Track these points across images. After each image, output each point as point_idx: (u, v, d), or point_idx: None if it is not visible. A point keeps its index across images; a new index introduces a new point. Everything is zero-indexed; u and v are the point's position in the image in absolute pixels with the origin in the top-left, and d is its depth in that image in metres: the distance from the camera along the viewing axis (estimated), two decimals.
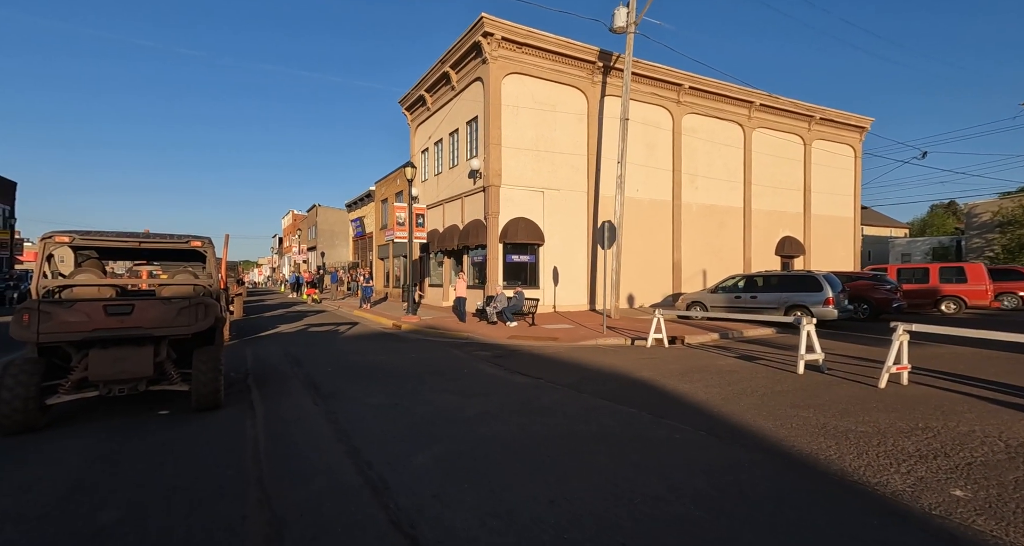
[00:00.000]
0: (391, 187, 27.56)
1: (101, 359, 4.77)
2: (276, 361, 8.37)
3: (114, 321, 4.77)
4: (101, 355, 4.79)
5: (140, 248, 5.73)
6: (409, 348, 10.02)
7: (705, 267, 21.06)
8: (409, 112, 23.91)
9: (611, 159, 18.73)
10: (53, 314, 4.56)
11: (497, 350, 9.80)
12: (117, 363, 4.81)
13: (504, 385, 6.43)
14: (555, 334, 12.17)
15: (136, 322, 4.86)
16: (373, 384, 6.51)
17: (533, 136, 17.50)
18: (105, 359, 4.78)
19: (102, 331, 4.72)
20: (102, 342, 4.86)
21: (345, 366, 7.84)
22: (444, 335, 12.37)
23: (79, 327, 4.64)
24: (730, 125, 21.55)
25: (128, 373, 4.85)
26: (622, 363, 8.08)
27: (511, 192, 17.16)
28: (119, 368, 4.81)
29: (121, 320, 4.80)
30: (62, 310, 4.61)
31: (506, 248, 17.28)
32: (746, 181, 21.96)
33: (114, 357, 4.82)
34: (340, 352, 9.41)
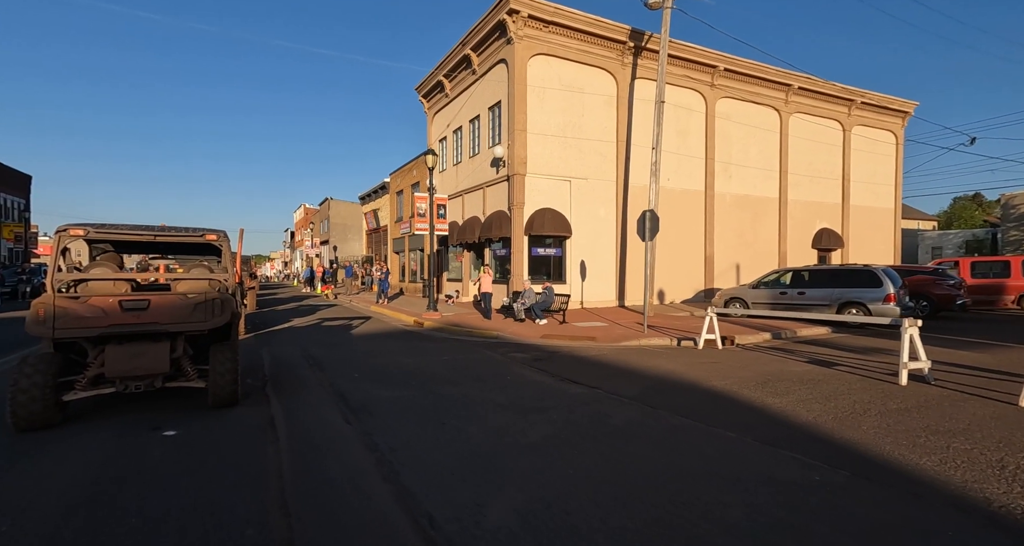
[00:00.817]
0: (407, 178, 26.71)
1: (117, 355, 4.71)
2: (295, 364, 7.57)
3: (130, 316, 4.69)
4: (117, 351, 4.72)
5: (155, 242, 5.64)
6: (438, 349, 9.18)
7: (738, 261, 19.97)
8: (426, 99, 22.97)
9: (641, 146, 17.68)
10: (68, 309, 4.48)
11: (534, 352, 8.92)
12: (133, 359, 4.75)
13: (559, 396, 5.54)
14: (591, 333, 11.26)
15: (152, 318, 4.77)
16: (408, 394, 5.67)
17: (560, 122, 16.50)
18: (121, 355, 4.72)
19: (118, 327, 4.64)
20: (118, 338, 4.81)
21: (372, 370, 7.01)
22: (472, 334, 11.53)
23: (94, 323, 4.56)
24: (766, 110, 20.32)
25: (144, 369, 4.78)
26: (682, 369, 7.15)
27: (537, 181, 16.20)
28: (135, 364, 4.75)
29: (137, 315, 4.72)
30: (77, 305, 4.53)
31: (531, 241, 16.36)
32: (782, 170, 20.76)
33: (130, 353, 4.75)
34: (363, 353, 8.60)
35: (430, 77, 21.50)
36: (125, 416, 4.99)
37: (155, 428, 4.54)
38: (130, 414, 5.07)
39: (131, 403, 5.46)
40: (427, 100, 22.94)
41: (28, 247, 30.07)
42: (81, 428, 4.60)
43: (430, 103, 22.80)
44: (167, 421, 4.77)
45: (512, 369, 7.19)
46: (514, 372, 6.95)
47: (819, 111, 21.36)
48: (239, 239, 9.21)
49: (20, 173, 36.55)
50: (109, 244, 6.51)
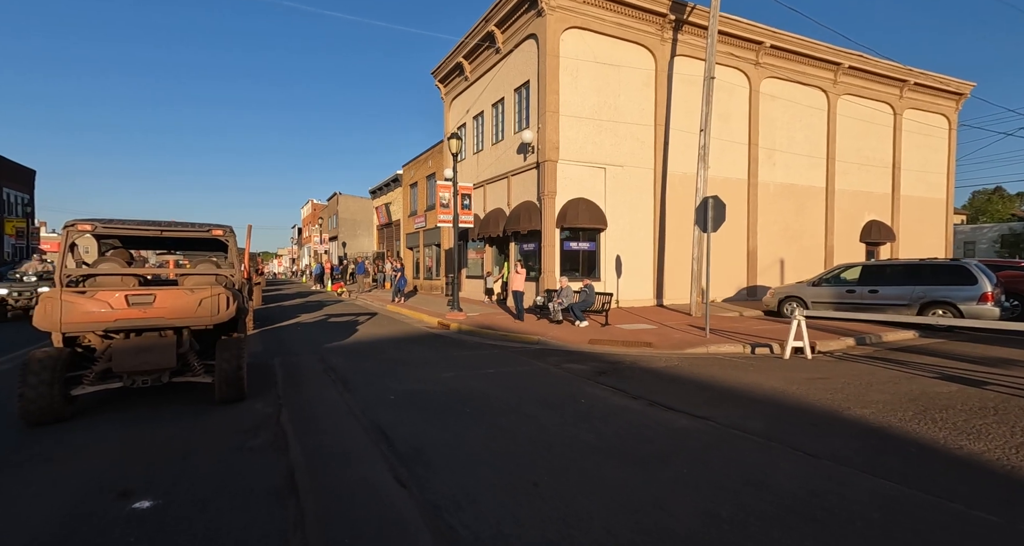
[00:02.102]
0: (422, 169, 25.35)
1: (124, 350, 4.74)
2: (315, 381, 6.25)
3: (136, 311, 4.70)
4: (124, 346, 4.75)
5: (162, 237, 5.61)
6: (477, 358, 7.83)
7: (782, 256, 18.45)
8: (443, 84, 21.55)
9: (681, 130, 16.20)
10: (76, 304, 4.52)
11: (591, 361, 7.55)
12: (140, 354, 4.77)
13: (665, 433, 4.17)
14: (643, 337, 9.88)
15: (158, 312, 4.79)
16: (467, 429, 4.33)
17: (594, 103, 15.04)
18: (128, 350, 4.75)
19: (124, 321, 4.67)
20: (125, 332, 4.86)
21: (410, 391, 5.67)
22: (508, 338, 10.18)
23: (101, 317, 4.59)
24: (813, 91, 18.71)
25: (151, 364, 4.81)
26: (791, 388, 5.75)
27: (569, 168, 14.77)
28: (142, 359, 4.77)
29: (143, 310, 4.73)
30: (85, 300, 4.57)
31: (563, 234, 14.95)
32: (829, 157, 19.16)
33: (137, 348, 4.78)
34: (393, 365, 7.27)
35: (448, 59, 20.07)
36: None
37: (123, 495, 3.21)
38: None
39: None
40: (444, 85, 21.52)
41: (30, 242, 29.05)
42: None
43: (447, 88, 21.38)
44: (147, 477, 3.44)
45: (580, 388, 5.82)
46: (586, 393, 5.58)
47: (869, 93, 19.70)
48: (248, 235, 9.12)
49: (24, 167, 35.57)
50: (117, 239, 6.47)
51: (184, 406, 5.15)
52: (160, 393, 5.72)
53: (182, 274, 5.79)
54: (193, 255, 9.66)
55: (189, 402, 5.32)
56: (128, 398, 5.48)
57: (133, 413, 4.92)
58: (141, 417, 4.78)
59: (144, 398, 5.45)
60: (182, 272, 5.87)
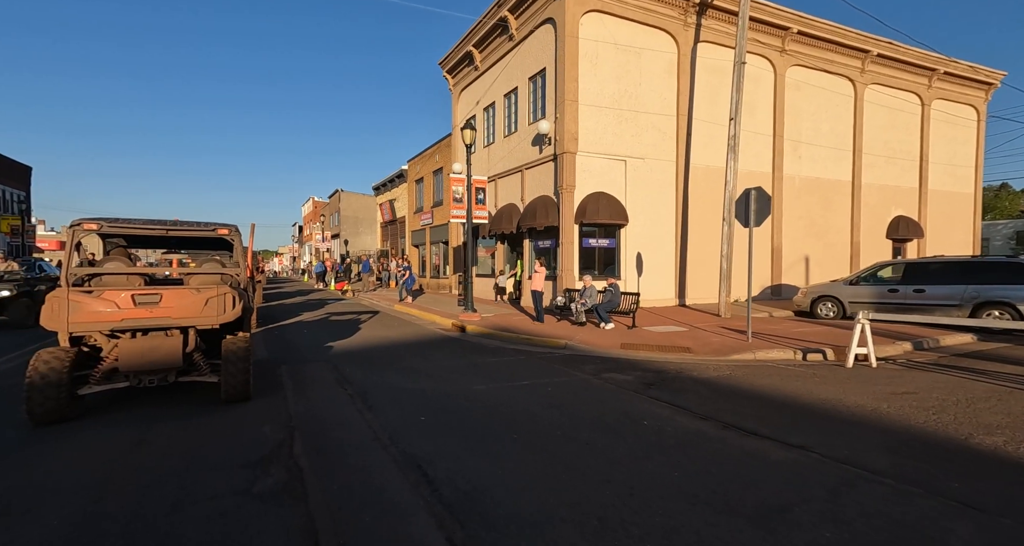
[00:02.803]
0: (428, 164, 24.54)
1: (131, 349, 4.71)
2: (331, 398, 5.48)
3: (142, 311, 4.71)
4: (130, 345, 4.72)
5: (167, 236, 5.59)
6: (505, 367, 7.05)
7: (807, 253, 17.65)
8: (451, 75, 20.73)
9: (704, 121, 15.39)
10: (82, 303, 4.53)
11: (632, 370, 6.77)
12: (146, 353, 4.75)
13: (769, 472, 3.38)
14: (678, 341, 9.10)
15: (165, 312, 4.80)
16: (523, 464, 3.55)
17: (614, 91, 14.23)
18: (135, 349, 4.72)
19: (130, 321, 4.67)
20: (131, 332, 4.82)
21: (443, 410, 4.89)
22: (531, 342, 9.40)
23: (108, 317, 4.60)
24: (839, 80, 17.87)
25: (157, 364, 4.80)
26: (884, 406, 4.96)
27: (589, 161, 13.97)
28: (148, 359, 4.75)
29: (150, 310, 4.74)
30: (91, 299, 4.57)
31: (582, 230, 14.16)
32: (856, 149, 18.33)
33: (143, 347, 4.75)
34: (416, 376, 6.50)
35: (457, 49, 19.24)
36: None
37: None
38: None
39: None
40: (452, 76, 20.69)
41: (25, 240, 28.27)
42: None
43: (456, 79, 20.56)
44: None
45: (634, 405, 5.04)
46: (644, 412, 4.80)
47: (897, 82, 18.86)
48: (251, 234, 8.92)
49: (19, 164, 34.79)
50: (122, 239, 6.44)
51: (181, 425, 4.39)
52: (159, 400, 4.97)
53: (187, 273, 5.70)
54: (197, 254, 9.56)
55: (189, 415, 4.56)
56: (121, 411, 4.72)
57: (121, 435, 4.16)
58: (129, 441, 4.02)
59: (139, 409, 4.70)
60: (187, 271, 5.80)
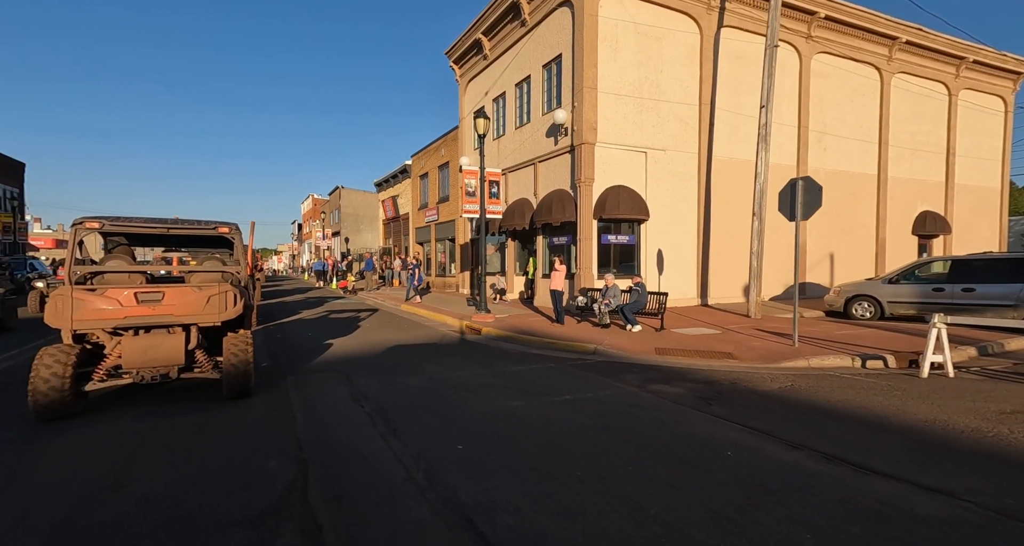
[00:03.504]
0: (433, 159, 23.73)
1: (133, 346, 4.74)
2: (346, 417, 4.72)
3: (145, 308, 4.76)
4: (133, 342, 4.75)
5: (168, 234, 5.65)
6: (538, 376, 6.30)
7: (832, 250, 16.89)
8: (458, 65, 19.90)
9: (727, 111, 14.62)
10: (86, 301, 4.58)
11: (679, 381, 6.02)
12: (149, 351, 4.78)
13: (932, 537, 2.62)
14: (715, 345, 8.36)
15: (167, 310, 4.84)
16: (604, 518, 2.78)
17: (635, 79, 13.43)
18: (137, 346, 4.75)
19: (133, 318, 4.72)
20: (134, 329, 4.85)
21: (484, 437, 4.14)
22: (555, 346, 8.65)
23: (112, 314, 4.65)
24: (866, 68, 17.08)
25: (160, 361, 4.82)
26: (1004, 431, 4.21)
27: (608, 152, 13.19)
28: (151, 356, 4.78)
29: (152, 307, 4.78)
30: (94, 297, 4.62)
31: (600, 226, 13.39)
32: (882, 141, 17.56)
33: (146, 345, 4.78)
34: (439, 387, 5.75)
35: (464, 37, 18.42)
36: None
37: None
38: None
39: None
40: (459, 66, 19.87)
41: (17, 237, 27.43)
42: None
43: (463, 69, 19.73)
44: None
45: (706, 429, 4.28)
46: (722, 440, 4.03)
47: (924, 71, 18.06)
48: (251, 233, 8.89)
49: (12, 160, 33.88)
50: (123, 237, 6.40)
51: (168, 458, 3.63)
52: (149, 414, 4.22)
53: (189, 271, 5.69)
54: (198, 252, 9.73)
55: (180, 440, 3.81)
56: (104, 425, 3.98)
57: (98, 466, 3.40)
58: (101, 479, 3.26)
59: (126, 427, 3.95)
60: (189, 269, 5.81)
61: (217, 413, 4.76)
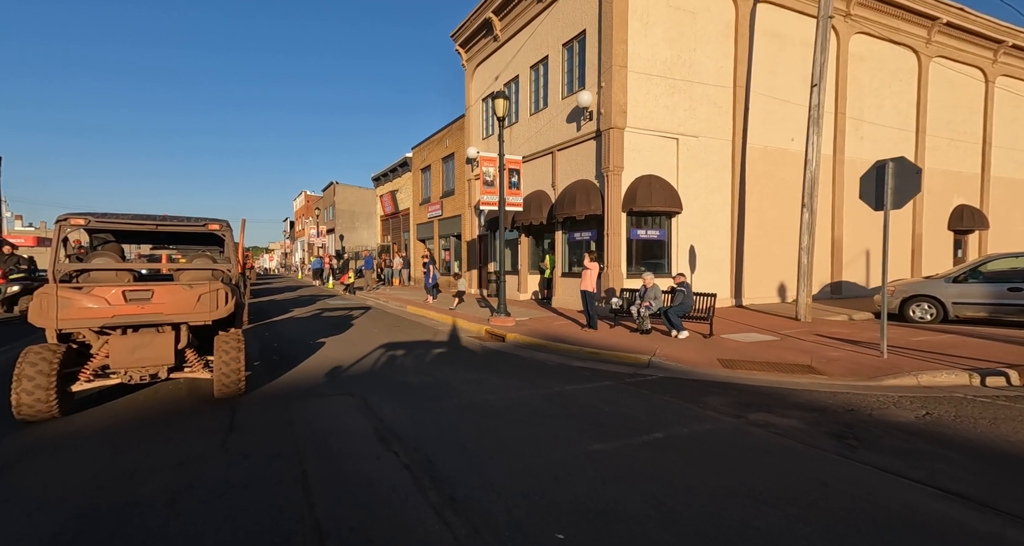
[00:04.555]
0: (436, 150, 22.39)
1: (122, 346, 4.64)
2: (379, 472, 3.45)
3: (134, 307, 4.63)
4: (121, 342, 4.65)
5: (157, 231, 5.39)
6: (602, 402, 5.06)
7: (869, 246, 15.81)
8: (464, 49, 18.58)
9: (763, 95, 13.48)
10: (72, 300, 4.44)
11: (782, 408, 4.82)
12: (138, 350, 4.67)
13: None
14: (785, 356, 7.18)
15: (156, 308, 4.71)
16: None
17: (667, 58, 12.22)
18: (126, 346, 4.65)
19: (122, 317, 4.59)
20: (122, 328, 4.73)
21: (580, 512, 2.90)
22: (601, 358, 7.43)
23: (99, 313, 4.52)
24: (903, 52, 15.99)
25: (149, 360, 4.72)
26: None
27: (638, 138, 11.98)
28: (140, 355, 4.69)
29: (141, 306, 4.65)
30: (81, 296, 4.48)
31: (630, 220, 12.17)
32: (919, 130, 16.49)
33: (135, 344, 4.68)
34: (484, 417, 4.52)
35: (472, 17, 17.10)
36: None
37: None
38: None
39: None
40: (466, 50, 18.55)
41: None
42: None
43: (470, 53, 18.41)
44: None
45: (891, 496, 3.07)
46: (932, 515, 2.83)
47: (961, 55, 17.01)
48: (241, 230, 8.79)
49: None
50: (110, 234, 6.30)
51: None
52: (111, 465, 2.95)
53: (178, 269, 5.58)
54: (187, 249, 9.22)
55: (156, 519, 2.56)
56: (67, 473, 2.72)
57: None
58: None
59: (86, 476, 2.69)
60: (178, 267, 5.69)
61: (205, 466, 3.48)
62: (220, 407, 4.89)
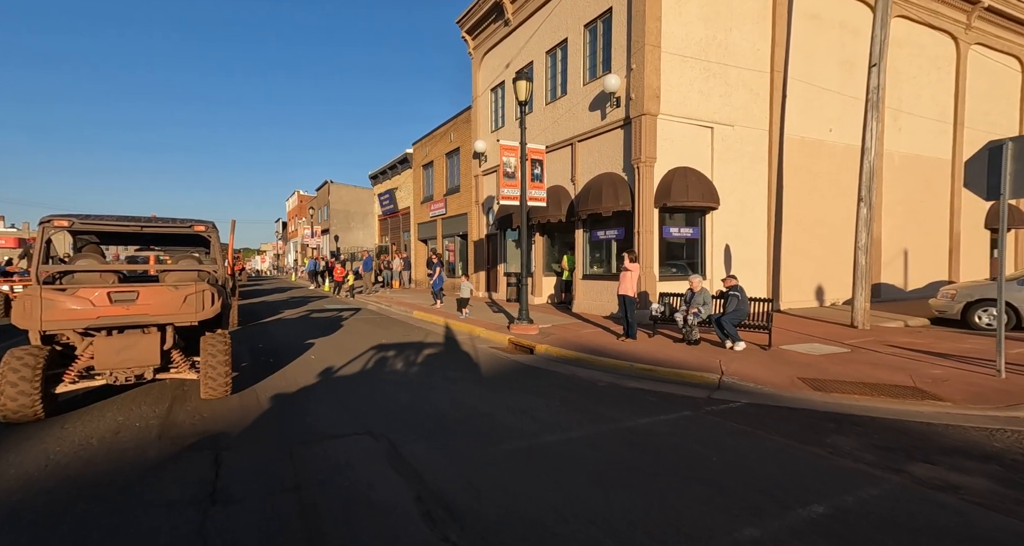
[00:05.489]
0: (440, 145, 21.18)
1: (106, 347, 4.61)
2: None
3: (119, 308, 4.62)
4: (106, 343, 4.62)
5: (142, 233, 5.40)
6: (695, 444, 3.92)
7: (907, 246, 14.82)
8: (472, 35, 17.40)
9: (801, 81, 12.46)
10: (56, 301, 4.41)
11: (947, 456, 3.70)
12: (123, 351, 4.65)
13: None
14: (876, 374, 6.08)
15: (141, 309, 4.70)
16: None
17: (701, 38, 11.12)
18: (111, 347, 4.62)
19: (106, 319, 4.57)
20: (107, 330, 4.71)
21: None
22: (654, 376, 6.30)
23: (83, 315, 4.49)
24: (942, 38, 15.03)
25: (134, 361, 4.71)
26: None
27: (672, 126, 10.87)
28: (125, 356, 4.66)
29: (126, 307, 4.65)
30: (64, 297, 4.46)
31: (663, 216, 11.05)
32: (957, 122, 15.55)
33: (120, 345, 4.66)
34: (557, 472, 3.39)
35: (482, 1, 15.91)
36: None
37: None
38: None
39: None
40: (473, 37, 17.36)
41: None
42: None
43: (478, 40, 17.23)
44: None
45: None
46: None
47: (1000, 43, 16.10)
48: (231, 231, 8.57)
49: None
50: (95, 236, 6.23)
51: None
52: None
53: (164, 270, 5.49)
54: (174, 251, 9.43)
55: None
56: None
57: None
58: None
59: None
60: (164, 268, 5.64)
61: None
62: (198, 458, 3.68)
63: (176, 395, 5.42)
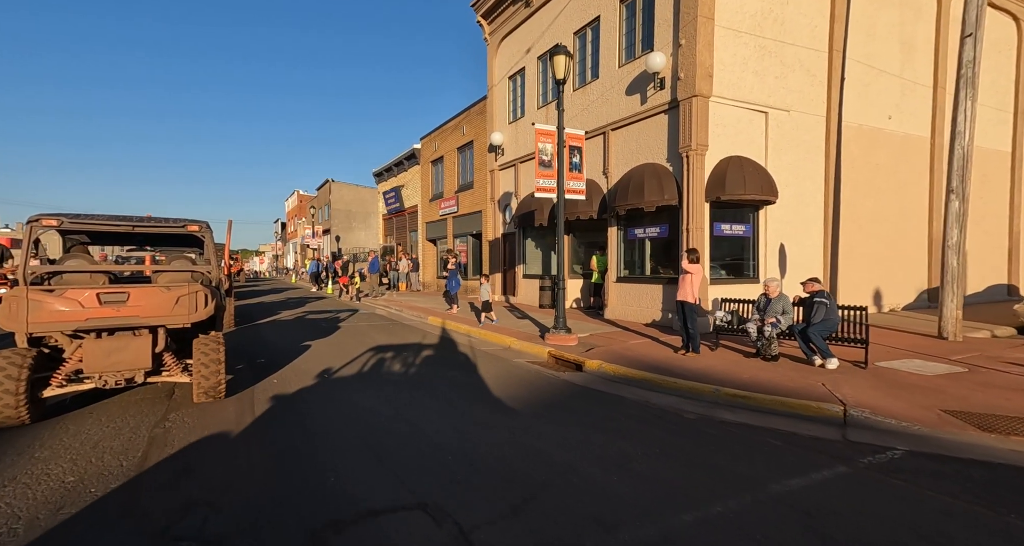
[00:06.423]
0: (450, 140, 19.94)
1: (96, 350, 4.46)
2: None
3: (108, 310, 4.49)
4: (96, 346, 4.47)
5: (134, 233, 5.24)
6: (903, 531, 2.68)
7: (967, 246, 13.55)
8: (487, 19, 16.18)
9: (858, 62, 11.32)
10: (43, 303, 4.29)
11: None
12: (113, 354, 4.51)
13: None
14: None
15: (132, 311, 4.57)
16: None
17: (756, 10, 9.92)
18: (100, 350, 4.47)
19: (96, 321, 4.45)
20: (97, 332, 4.59)
21: None
22: (751, 404, 5.10)
23: (71, 317, 4.38)
24: (1003, 19, 13.87)
25: (125, 364, 4.56)
26: None
27: (723, 110, 9.66)
28: (115, 359, 4.51)
29: (116, 309, 4.52)
30: (52, 298, 4.33)
31: (713, 211, 9.83)
32: (1017, 111, 14.39)
33: (110, 348, 4.51)
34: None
35: None
36: None
37: None
38: None
39: None
40: (489, 21, 16.14)
41: None
42: None
43: (494, 25, 16.01)
44: None
45: None
46: None
47: None
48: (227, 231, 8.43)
49: None
50: (86, 235, 6.01)
51: None
52: None
53: (156, 271, 5.46)
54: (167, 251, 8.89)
55: None
56: None
57: None
58: None
59: None
60: (156, 268, 5.63)
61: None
62: None
63: (155, 436, 4.18)
